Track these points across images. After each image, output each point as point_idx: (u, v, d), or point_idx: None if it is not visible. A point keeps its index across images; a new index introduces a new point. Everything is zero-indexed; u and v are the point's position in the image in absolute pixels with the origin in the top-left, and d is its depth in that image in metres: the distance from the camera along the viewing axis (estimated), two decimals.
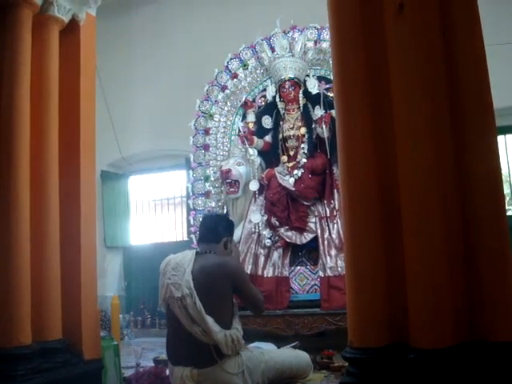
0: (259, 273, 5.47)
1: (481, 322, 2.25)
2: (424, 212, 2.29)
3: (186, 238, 9.02)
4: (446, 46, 2.41)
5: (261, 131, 6.06)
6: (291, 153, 5.87)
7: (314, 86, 5.86)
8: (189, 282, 2.92)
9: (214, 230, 3.20)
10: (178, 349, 2.98)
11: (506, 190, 7.73)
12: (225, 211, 6.18)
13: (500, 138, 7.50)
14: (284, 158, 5.88)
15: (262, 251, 5.61)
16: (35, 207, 3.54)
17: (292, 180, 5.62)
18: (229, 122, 6.35)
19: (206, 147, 6.30)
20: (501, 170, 2.46)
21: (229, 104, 6.34)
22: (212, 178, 6.24)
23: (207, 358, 2.88)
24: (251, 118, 6.13)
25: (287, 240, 5.53)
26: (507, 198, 7.85)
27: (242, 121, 6.27)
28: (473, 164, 2.34)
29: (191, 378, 2.86)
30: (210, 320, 2.84)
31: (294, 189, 5.57)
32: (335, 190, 5.53)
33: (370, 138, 2.47)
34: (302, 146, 5.82)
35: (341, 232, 5.23)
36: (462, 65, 2.40)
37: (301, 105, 5.92)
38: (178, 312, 2.92)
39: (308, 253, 5.64)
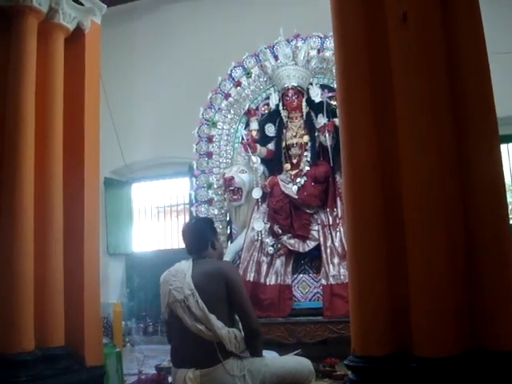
0: (262, 280, 5.47)
1: (483, 331, 2.25)
2: (427, 221, 2.29)
3: None
4: (449, 55, 2.42)
5: (264, 139, 6.08)
6: (294, 161, 5.89)
7: (317, 95, 5.88)
8: (190, 283, 2.99)
9: (199, 240, 3.21)
10: (182, 350, 3.02)
11: (509, 199, 7.72)
12: (227, 219, 6.19)
13: (503, 147, 7.50)
14: (287, 166, 5.89)
15: (264, 259, 5.62)
16: (39, 214, 3.55)
17: (295, 188, 5.63)
18: (232, 130, 6.36)
19: (209, 155, 6.32)
20: (504, 178, 2.46)
21: (232, 112, 6.36)
22: (215, 186, 6.25)
23: (210, 358, 2.90)
24: (254, 125, 6.15)
25: (290, 248, 5.53)
26: (510, 207, 7.84)
27: (245, 129, 6.29)
28: (476, 172, 2.34)
29: (194, 379, 2.88)
30: (212, 317, 2.91)
31: (296, 197, 5.58)
32: (338, 198, 5.54)
33: (373, 146, 2.47)
34: (305, 154, 5.83)
35: (344, 240, 5.23)
36: (465, 73, 2.40)
37: (304, 113, 5.94)
38: (182, 313, 2.97)
39: (311, 261, 5.64)
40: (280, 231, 5.57)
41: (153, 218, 10.12)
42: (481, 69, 2.42)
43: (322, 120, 5.72)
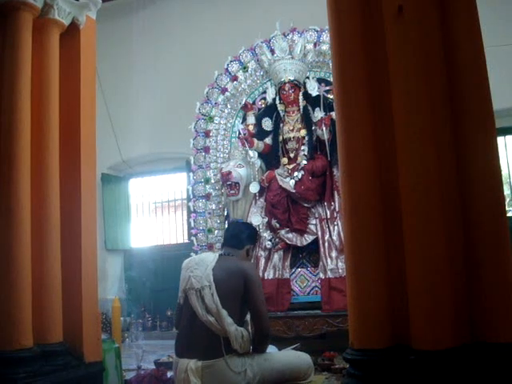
0: (260, 275, 5.47)
1: (482, 324, 2.25)
2: (424, 213, 2.29)
3: (186, 241, 9.03)
4: (446, 47, 2.42)
5: (261, 133, 6.08)
6: (291, 155, 5.88)
7: (313, 88, 5.87)
8: (209, 275, 3.07)
9: (237, 237, 3.36)
10: (188, 340, 3.07)
11: (506, 191, 7.74)
12: (225, 213, 6.19)
13: (500, 139, 7.51)
14: (284, 160, 5.89)
15: (262, 253, 5.63)
16: (36, 210, 3.54)
17: (292, 182, 5.62)
18: (229, 125, 6.36)
19: (206, 149, 6.31)
20: (501, 170, 2.46)
21: (229, 106, 6.35)
22: (212, 181, 6.25)
23: (214, 351, 2.96)
24: (251, 120, 6.14)
25: (288, 242, 5.54)
26: (507, 199, 7.85)
27: (242, 123, 6.28)
28: (473, 165, 2.34)
29: (195, 370, 2.92)
30: (224, 312, 2.97)
31: (294, 191, 5.58)
32: (335, 192, 5.54)
33: (370, 140, 2.47)
34: (302, 148, 5.83)
35: (341, 234, 5.24)
36: (462, 66, 2.40)
37: (301, 107, 5.94)
38: (195, 302, 3.03)
39: (308, 255, 5.65)
40: (278, 225, 5.57)
41: (150, 214, 10.13)
42: (478, 61, 2.41)
43: (319, 114, 5.71)
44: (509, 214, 7.20)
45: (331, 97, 5.63)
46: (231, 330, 2.95)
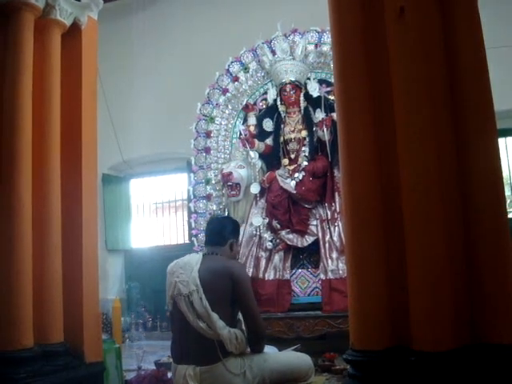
0: (260, 276, 5.47)
1: (483, 325, 2.25)
2: (425, 213, 2.29)
3: (187, 241, 9.03)
4: (447, 49, 2.42)
5: (262, 134, 6.08)
6: (292, 156, 5.88)
7: (314, 89, 5.87)
8: (195, 278, 2.98)
9: (220, 233, 3.24)
10: (183, 347, 3.02)
11: (507, 193, 7.73)
12: (226, 214, 6.19)
13: (500, 141, 7.50)
14: (285, 161, 5.89)
15: (263, 254, 5.62)
16: (37, 211, 3.55)
17: (293, 183, 5.63)
18: (230, 125, 6.36)
19: (207, 150, 6.32)
20: (502, 172, 2.46)
21: (230, 107, 6.35)
22: (213, 181, 6.25)
23: (211, 355, 2.91)
24: (252, 121, 6.14)
25: (288, 243, 5.53)
26: (508, 201, 7.85)
27: (243, 124, 6.28)
28: (474, 166, 2.34)
29: (194, 376, 2.89)
30: (214, 316, 2.90)
31: (295, 191, 5.58)
32: (336, 193, 5.54)
33: (371, 141, 2.47)
34: (303, 148, 5.83)
35: (342, 235, 5.24)
36: (463, 67, 2.40)
37: (302, 108, 5.94)
38: (185, 308, 2.96)
39: (309, 255, 5.65)
40: (278, 226, 5.57)
41: (151, 214, 10.12)
42: (479, 62, 2.41)
43: (319, 115, 5.72)
44: (510, 216, 7.20)
45: (332, 98, 5.64)
46: (224, 334, 2.89)
